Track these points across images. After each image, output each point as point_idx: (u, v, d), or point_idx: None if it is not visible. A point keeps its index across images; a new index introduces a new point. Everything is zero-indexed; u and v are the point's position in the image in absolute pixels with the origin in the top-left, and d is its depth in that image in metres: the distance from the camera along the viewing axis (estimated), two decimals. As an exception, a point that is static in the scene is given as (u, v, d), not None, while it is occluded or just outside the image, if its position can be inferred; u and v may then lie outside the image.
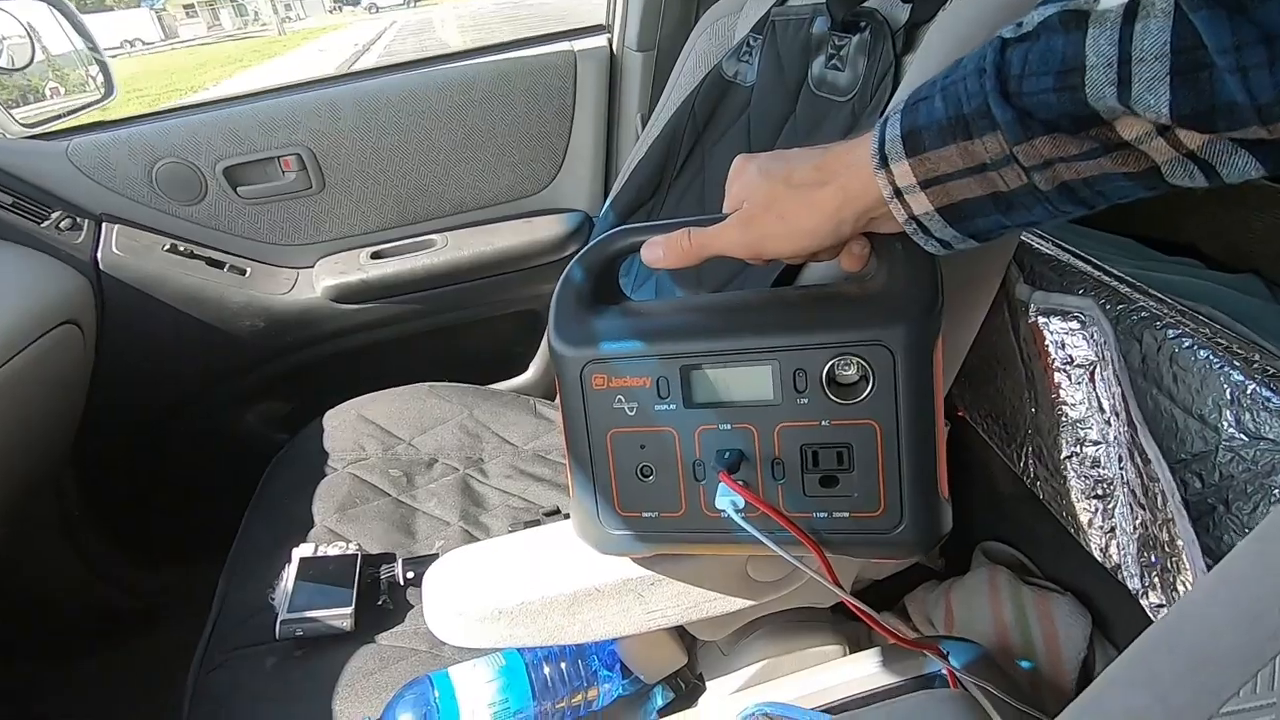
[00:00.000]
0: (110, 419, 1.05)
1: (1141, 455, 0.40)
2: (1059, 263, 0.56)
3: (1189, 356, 0.44)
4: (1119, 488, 0.47)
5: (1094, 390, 0.48)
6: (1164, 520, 0.39)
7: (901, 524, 0.41)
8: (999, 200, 0.33)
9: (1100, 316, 0.46)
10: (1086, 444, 0.49)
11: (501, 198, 1.16)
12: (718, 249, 0.43)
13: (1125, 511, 0.46)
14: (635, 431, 0.44)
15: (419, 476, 0.96)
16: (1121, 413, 0.44)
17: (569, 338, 0.44)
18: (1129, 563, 0.46)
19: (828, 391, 0.40)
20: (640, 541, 0.46)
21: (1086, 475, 0.49)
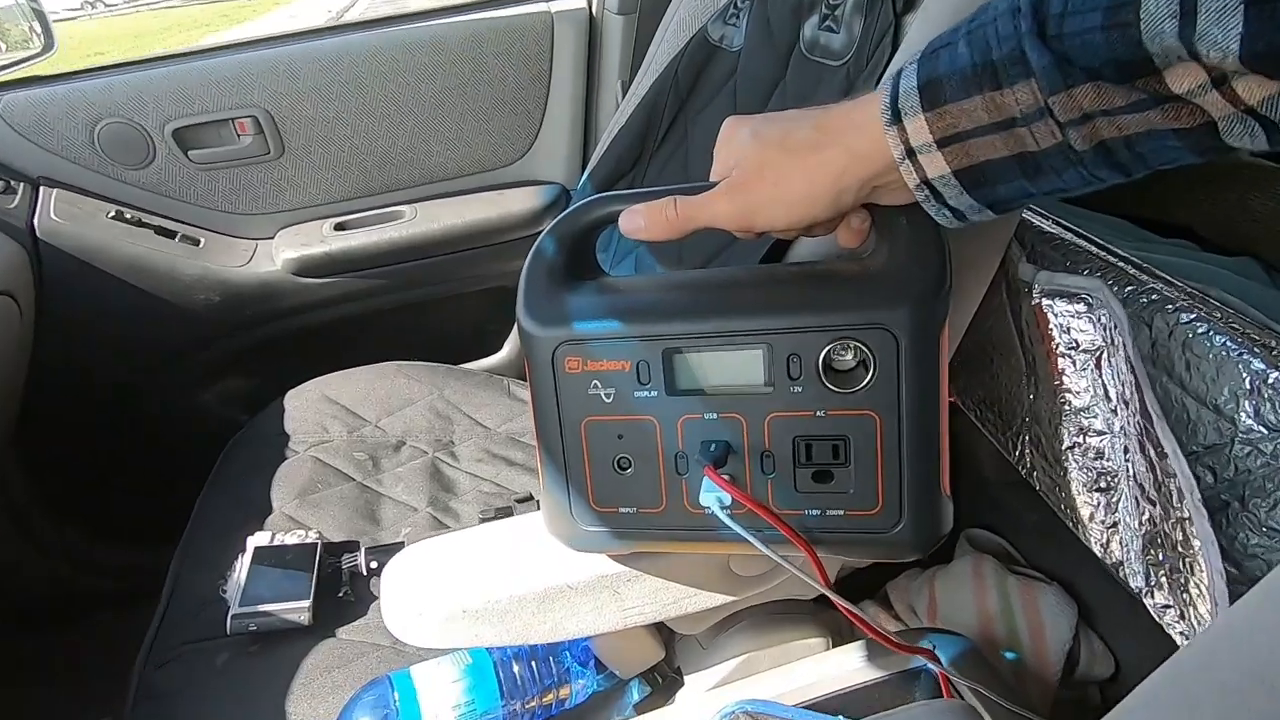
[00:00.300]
0: (55, 400, 0.99)
1: (1156, 448, 0.38)
2: (1062, 241, 0.53)
3: (1204, 343, 0.41)
4: (1124, 481, 0.45)
5: (1100, 377, 0.45)
6: (1178, 519, 0.37)
7: (901, 523, 0.38)
8: (1026, 162, 0.29)
9: (1110, 298, 0.43)
10: (1090, 434, 0.46)
11: (473, 168, 1.10)
12: (705, 220, 0.39)
13: (1130, 506, 0.43)
14: (612, 420, 0.40)
15: (385, 460, 0.91)
16: (1131, 402, 0.41)
17: (540, 316, 0.40)
18: (1132, 560, 0.44)
19: (824, 379, 0.37)
20: (617, 539, 0.42)
21: (1089, 467, 0.46)
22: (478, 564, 0.49)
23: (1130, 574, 0.44)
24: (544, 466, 0.43)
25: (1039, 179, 0.29)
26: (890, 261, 0.37)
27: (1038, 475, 0.53)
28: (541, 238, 0.43)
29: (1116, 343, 0.43)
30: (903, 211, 0.37)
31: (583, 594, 0.49)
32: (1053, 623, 0.73)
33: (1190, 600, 0.37)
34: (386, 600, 0.49)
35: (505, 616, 0.48)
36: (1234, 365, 0.39)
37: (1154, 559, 0.41)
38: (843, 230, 0.39)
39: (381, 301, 1.09)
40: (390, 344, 1.08)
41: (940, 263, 0.37)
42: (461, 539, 0.51)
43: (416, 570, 0.50)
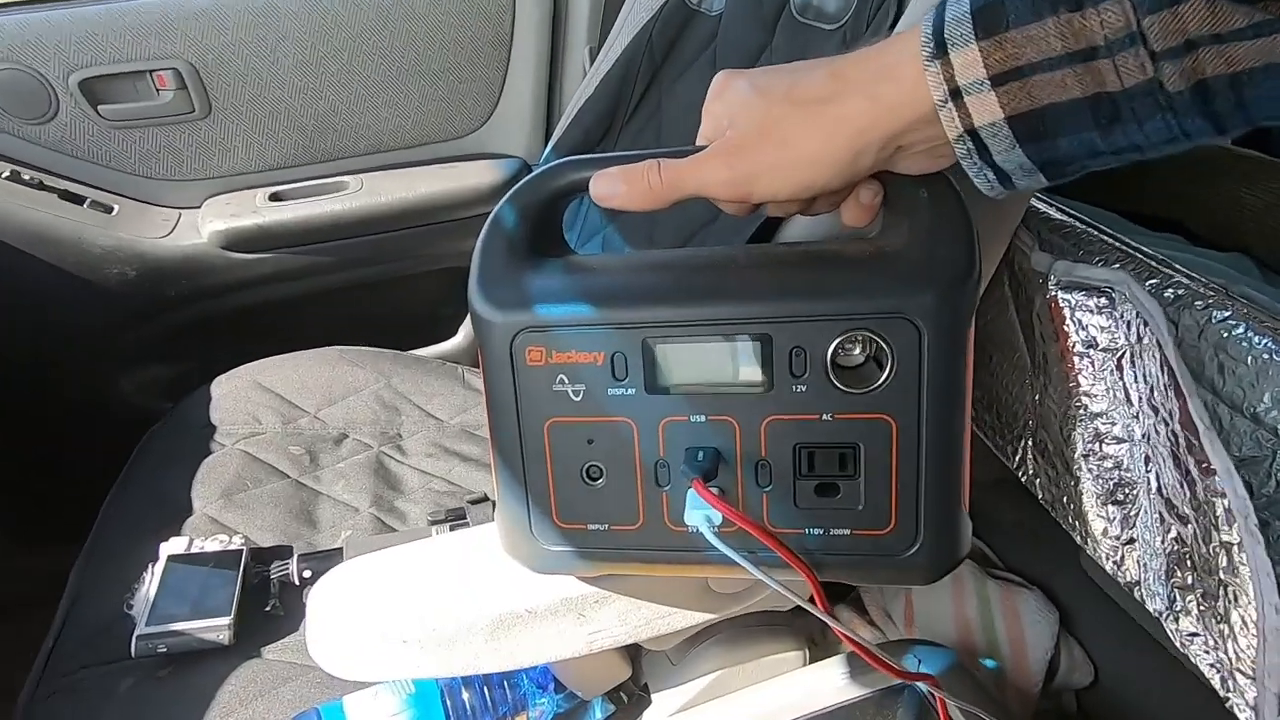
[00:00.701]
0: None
1: (1199, 463, 0.33)
2: (1074, 230, 0.49)
3: (1241, 344, 0.37)
4: (1144, 495, 0.41)
5: (1121, 380, 0.41)
6: (1223, 543, 0.33)
7: (916, 544, 0.32)
8: (1101, 106, 0.24)
9: (1139, 292, 0.39)
10: (1107, 441, 0.42)
11: (426, 138, 1.02)
12: (693, 187, 0.33)
13: (1152, 522, 0.39)
14: (581, 422, 0.34)
15: (325, 454, 0.83)
16: (1163, 408, 0.37)
17: (496, 297, 0.34)
18: (1150, 580, 0.40)
19: (832, 377, 0.31)
20: (584, 560, 0.36)
21: (1105, 477, 0.42)
22: (420, 586, 0.43)
23: (1149, 595, 0.40)
24: (499, 476, 0.36)
25: (1113, 131, 0.24)
26: (911, 241, 0.32)
27: (1041, 483, 0.49)
28: (499, 207, 0.37)
29: (1145, 342, 0.38)
30: (923, 183, 0.32)
31: (543, 619, 0.42)
32: (1034, 630, 0.70)
33: (1229, 632, 0.33)
34: (313, 628, 0.42)
35: (453, 646, 0.41)
36: (1278, 369, 0.35)
37: (1181, 582, 0.37)
38: (850, 205, 0.34)
39: (322, 281, 1.00)
40: (332, 328, 1.00)
41: (969, 242, 0.31)
42: (401, 555, 0.45)
43: (347, 594, 0.43)
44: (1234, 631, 0.33)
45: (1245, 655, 0.32)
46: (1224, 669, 0.35)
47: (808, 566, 0.32)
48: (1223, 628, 0.34)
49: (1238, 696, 0.34)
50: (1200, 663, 0.36)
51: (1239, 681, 0.33)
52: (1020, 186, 0.28)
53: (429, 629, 0.41)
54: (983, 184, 0.28)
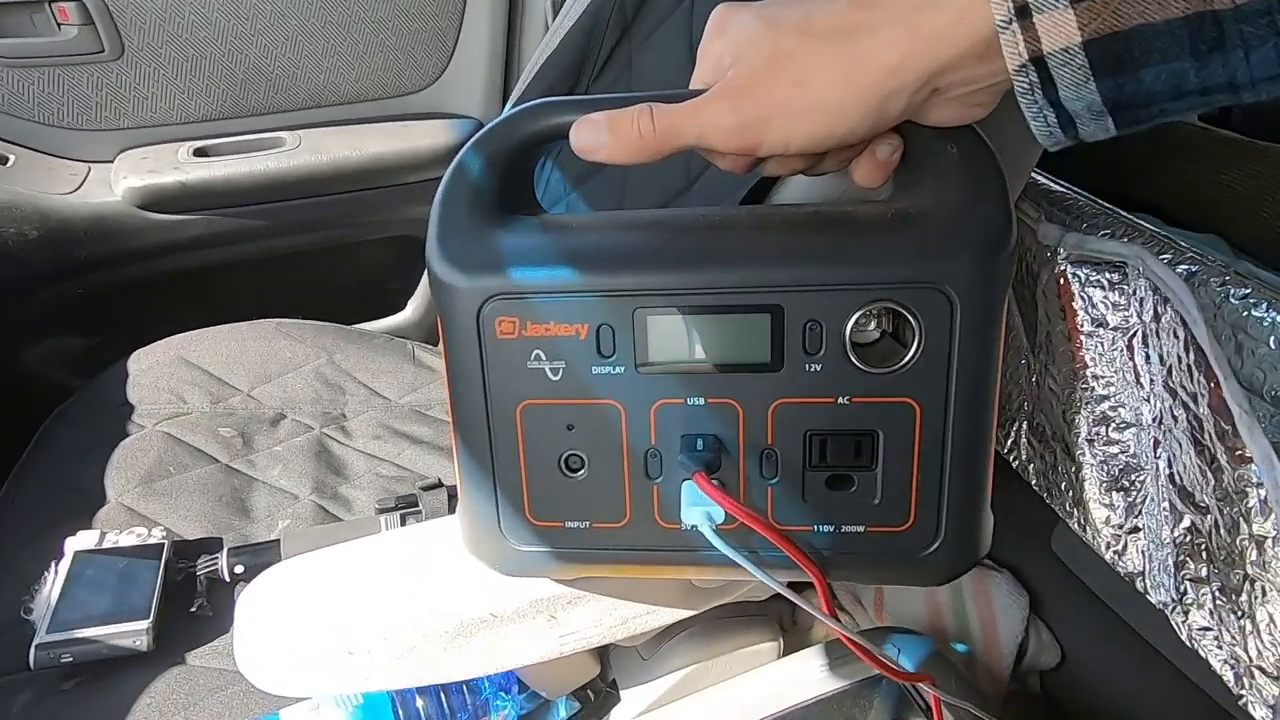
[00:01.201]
0: None
1: (1232, 451, 0.31)
2: (1077, 203, 0.46)
3: (1263, 324, 0.34)
4: (1151, 482, 0.38)
5: (1131, 361, 0.38)
6: (1254, 535, 0.30)
7: (937, 542, 0.29)
8: (1204, 29, 0.20)
9: (1158, 268, 0.36)
10: (1114, 426, 0.40)
11: (371, 93, 0.94)
12: (693, 135, 0.28)
13: (1160, 511, 0.37)
14: (560, 405, 0.29)
15: (260, 436, 0.77)
16: (1182, 391, 0.35)
17: (461, 258, 0.29)
18: (1155, 571, 0.38)
19: (851, 355, 0.27)
20: (561, 562, 0.32)
21: (1110, 463, 0.40)
22: (368, 588, 0.38)
23: (1154, 586, 0.38)
24: (463, 467, 0.31)
25: (1211, 61, 0.20)
26: (938, 202, 0.28)
27: (1036, 468, 0.46)
28: (463, 153, 0.32)
29: (1164, 320, 0.36)
30: (951, 136, 0.28)
31: (510, 622, 0.38)
32: (1005, 614, 0.69)
33: (1253, 628, 0.31)
34: (242, 638, 0.37)
35: (406, 655, 0.37)
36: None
37: (1194, 575, 0.35)
38: (864, 162, 0.30)
39: (256, 247, 0.92)
40: (267, 298, 0.92)
41: (1005, 204, 0.28)
42: (345, 553, 0.39)
43: (282, 597, 0.38)
44: (1258, 628, 0.31)
45: (1269, 653, 0.31)
46: (1240, 666, 0.33)
47: (819, 569, 0.28)
48: (1244, 624, 0.32)
49: (1254, 694, 0.32)
50: (1211, 658, 0.35)
51: (1258, 679, 0.32)
52: (1085, 134, 0.24)
53: (379, 638, 0.36)
54: (1040, 129, 0.24)
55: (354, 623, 0.37)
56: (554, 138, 0.31)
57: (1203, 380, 0.33)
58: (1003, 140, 0.28)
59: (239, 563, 0.60)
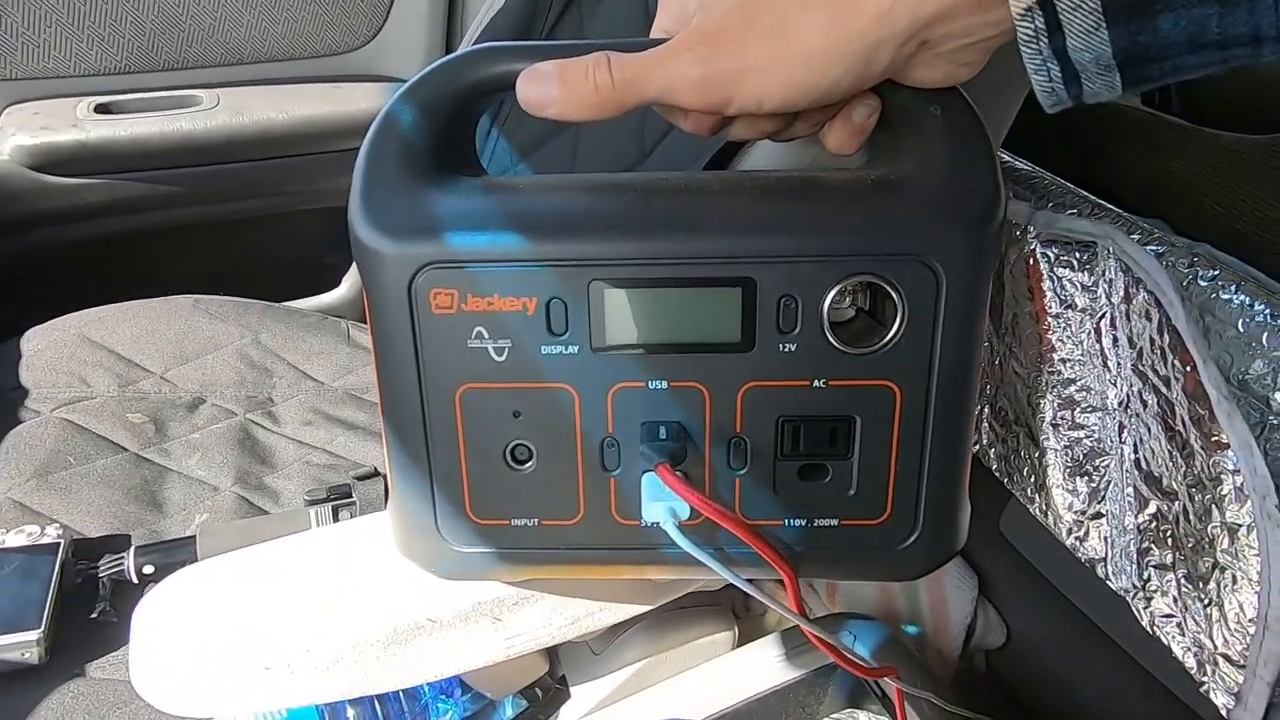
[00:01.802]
0: None
1: (1207, 437, 0.30)
2: (1042, 181, 0.45)
3: (1231, 306, 0.34)
4: (1116, 467, 0.38)
5: (1099, 344, 0.37)
6: (1227, 524, 0.30)
7: (915, 535, 0.27)
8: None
9: (1130, 248, 0.35)
10: (1080, 410, 0.39)
11: (300, 51, 0.87)
12: (655, 89, 0.25)
13: (1124, 496, 0.37)
14: (506, 389, 0.26)
15: (175, 423, 0.70)
16: (1153, 375, 0.34)
17: (389, 221, 0.25)
18: (1117, 557, 0.38)
19: (829, 334, 0.25)
20: (506, 563, 0.29)
21: (1074, 448, 0.39)
22: (287, 594, 0.34)
23: (1114, 572, 0.38)
24: (394, 460, 0.28)
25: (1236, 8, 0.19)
26: (922, 168, 0.26)
27: (997, 453, 0.46)
28: (392, 102, 0.28)
29: (1136, 302, 0.35)
30: (933, 98, 0.26)
31: (450, 627, 0.35)
32: (955, 596, 0.70)
33: (1220, 617, 0.31)
34: (138, 652, 0.32)
35: (334, 668, 0.33)
36: (1275, 335, 0.32)
37: (1158, 561, 0.35)
38: (839, 125, 0.27)
39: (170, 216, 0.84)
40: (184, 273, 0.85)
41: (994, 171, 0.26)
42: (263, 554, 0.35)
43: (188, 607, 0.33)
44: (1225, 616, 0.30)
45: (1235, 642, 0.30)
46: (1203, 654, 0.32)
47: (791, 567, 0.26)
48: (1210, 612, 0.31)
49: (1217, 681, 0.32)
50: (1173, 645, 0.34)
51: (1222, 667, 0.31)
52: (1088, 93, 0.22)
53: (300, 649, 0.32)
54: (1042, 85, 0.22)
55: (271, 632, 0.33)
56: (498, 88, 0.28)
57: (1177, 364, 0.32)
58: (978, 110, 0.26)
59: (148, 562, 0.55)
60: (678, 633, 0.58)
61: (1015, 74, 0.23)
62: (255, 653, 0.32)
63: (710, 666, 0.56)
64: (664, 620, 0.58)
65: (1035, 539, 0.67)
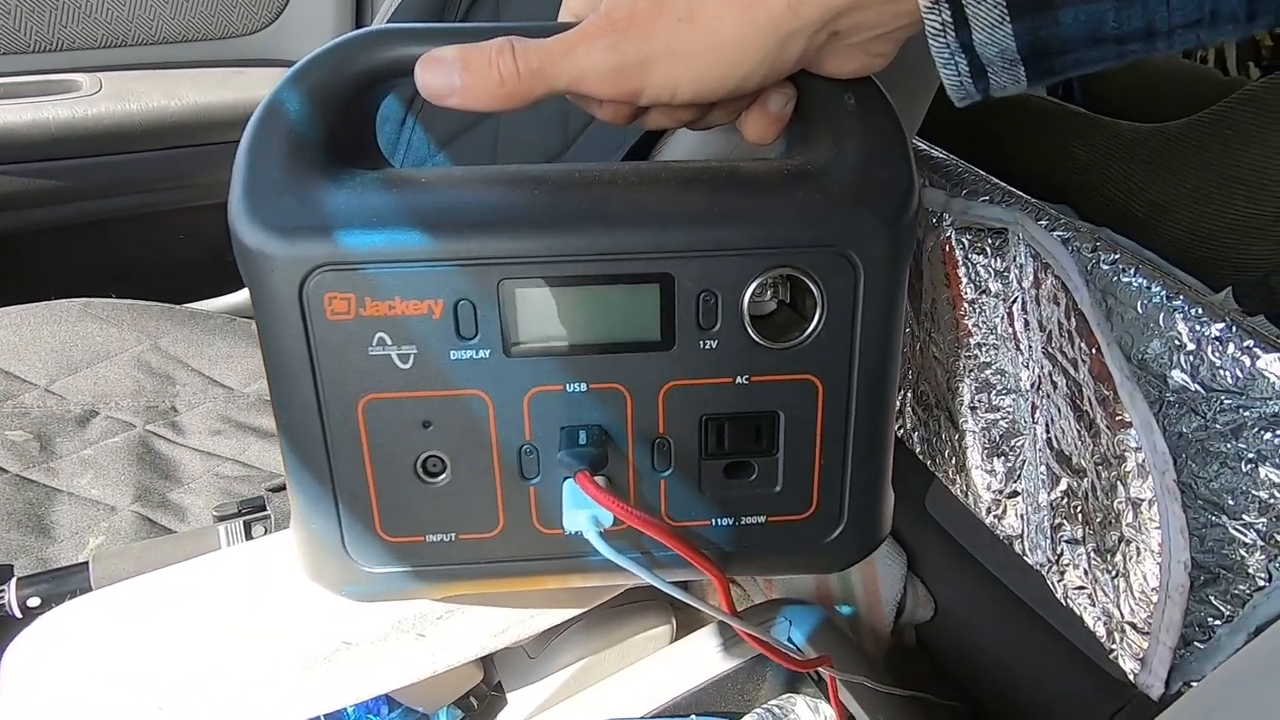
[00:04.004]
0: None
1: (1112, 416, 0.31)
2: (954, 169, 0.46)
3: (1131, 288, 0.35)
4: (1029, 447, 0.39)
5: (1011, 327, 0.39)
6: (1130, 498, 0.31)
7: (840, 527, 0.27)
8: None
9: (1038, 233, 0.36)
10: (995, 393, 0.40)
11: (193, 34, 0.81)
12: (564, 79, 0.24)
13: (1038, 475, 0.38)
14: (413, 397, 0.24)
15: (63, 439, 0.65)
16: (1060, 357, 0.35)
17: (274, 220, 0.23)
18: (1032, 533, 0.39)
19: (750, 329, 0.24)
20: (422, 581, 0.27)
21: (991, 430, 0.40)
22: (184, 624, 0.31)
23: (1030, 548, 0.39)
24: (293, 478, 0.25)
25: (1132, 2, 0.19)
26: (836, 159, 0.25)
27: (920, 435, 0.47)
28: (276, 89, 0.26)
29: (1044, 287, 0.36)
30: (849, 88, 0.25)
31: (370, 646, 0.33)
32: (886, 574, 0.72)
33: (1126, 587, 0.32)
34: (7, 700, 0.29)
35: (239, 703, 0.30)
36: (1170, 316, 0.34)
37: (1070, 536, 0.36)
38: (755, 115, 0.27)
39: (50, 213, 0.77)
40: (69, 275, 0.78)
41: (908, 161, 0.26)
42: (157, 582, 0.32)
43: (68, 644, 0.30)
44: (1131, 587, 0.32)
45: (1140, 610, 0.32)
46: (1111, 622, 0.34)
47: (718, 569, 0.25)
48: (1118, 583, 0.33)
49: (1124, 648, 0.33)
50: (1085, 615, 0.36)
51: (1128, 634, 0.33)
52: (995, 87, 0.22)
53: (201, 684, 0.30)
54: (951, 78, 0.22)
55: (165, 668, 0.30)
56: (394, 74, 0.26)
57: (1083, 346, 0.33)
58: (892, 100, 0.26)
59: (34, 594, 0.49)
60: (616, 630, 0.57)
61: (928, 64, 0.23)
62: (147, 692, 0.29)
63: (648, 662, 0.55)
64: (601, 619, 0.57)
65: (959, 516, 0.70)
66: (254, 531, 0.57)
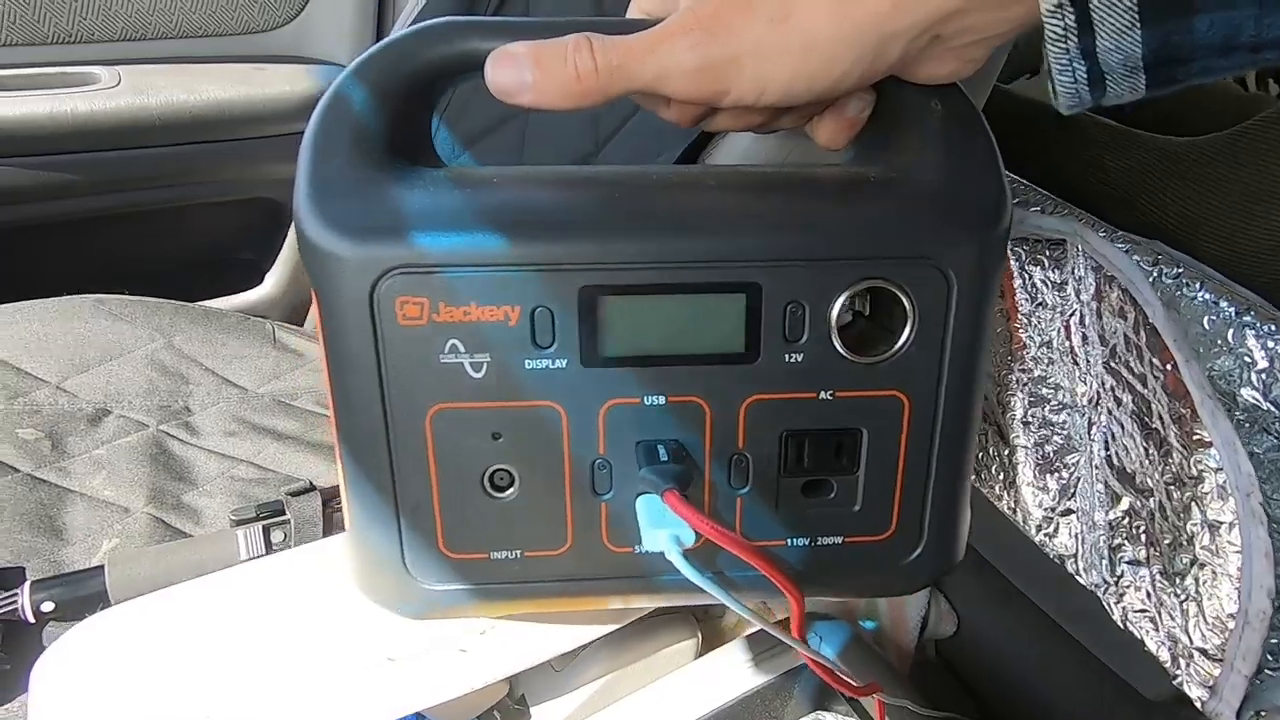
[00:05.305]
0: None
1: (1188, 435, 0.30)
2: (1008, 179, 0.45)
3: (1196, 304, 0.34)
4: (1085, 464, 0.38)
5: (1068, 341, 0.38)
6: (1208, 521, 0.30)
7: (919, 549, 0.26)
8: None
9: (1101, 246, 0.35)
10: (1051, 407, 0.39)
11: (213, 28, 0.80)
12: (646, 77, 0.23)
13: (1095, 493, 0.37)
14: (485, 409, 0.23)
15: (75, 438, 0.64)
16: (1127, 373, 0.34)
17: (345, 220, 0.22)
18: (1087, 553, 0.38)
19: (838, 343, 0.23)
20: (483, 599, 0.26)
21: (1042, 445, 0.40)
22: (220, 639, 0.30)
23: (1085, 568, 0.38)
24: (352, 490, 0.24)
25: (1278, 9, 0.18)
26: (924, 168, 0.24)
27: (964, 450, 0.46)
28: (341, 82, 0.24)
29: (1109, 299, 0.35)
30: (935, 93, 0.24)
31: (413, 663, 0.31)
32: (909, 588, 0.71)
33: (1198, 612, 0.31)
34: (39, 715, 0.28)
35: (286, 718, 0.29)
36: (1240, 332, 0.33)
37: (1131, 557, 0.35)
38: (830, 119, 0.26)
39: (64, 207, 0.76)
40: (83, 271, 0.77)
41: (999, 171, 0.25)
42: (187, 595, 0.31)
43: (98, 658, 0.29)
44: (1203, 612, 0.31)
45: (1213, 636, 0.31)
46: (1178, 648, 0.33)
47: (797, 590, 0.24)
48: (1188, 607, 0.32)
49: (1191, 675, 0.32)
50: (1147, 639, 0.35)
51: (1198, 661, 0.32)
52: (1111, 95, 0.21)
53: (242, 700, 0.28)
54: (1065, 85, 0.21)
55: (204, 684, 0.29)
56: (461, 70, 0.25)
57: (1155, 362, 0.32)
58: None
59: (48, 598, 0.48)
60: (641, 644, 0.56)
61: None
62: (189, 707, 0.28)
63: (675, 678, 0.54)
64: (626, 632, 0.55)
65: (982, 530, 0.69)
66: (273, 537, 0.56)
